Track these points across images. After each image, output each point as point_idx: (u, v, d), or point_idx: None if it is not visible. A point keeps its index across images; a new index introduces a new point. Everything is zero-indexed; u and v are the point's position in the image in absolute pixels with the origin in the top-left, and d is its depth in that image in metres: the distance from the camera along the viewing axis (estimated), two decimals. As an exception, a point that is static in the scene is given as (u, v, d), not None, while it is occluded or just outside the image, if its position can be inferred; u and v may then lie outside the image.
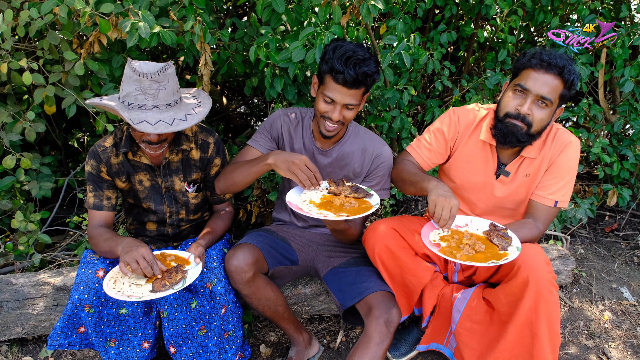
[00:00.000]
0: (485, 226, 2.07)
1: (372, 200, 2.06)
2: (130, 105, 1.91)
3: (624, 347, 2.58)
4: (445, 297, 2.24)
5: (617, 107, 3.42)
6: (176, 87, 2.00)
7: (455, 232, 2.02)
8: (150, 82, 1.89)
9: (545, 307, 1.87)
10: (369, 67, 1.99)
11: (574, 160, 2.14)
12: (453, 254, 1.87)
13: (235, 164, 2.19)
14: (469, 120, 2.26)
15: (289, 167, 1.95)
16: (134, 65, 1.89)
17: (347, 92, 2.03)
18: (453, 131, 2.27)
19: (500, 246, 1.91)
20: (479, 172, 2.24)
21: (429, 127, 2.34)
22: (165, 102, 1.95)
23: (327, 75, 2.04)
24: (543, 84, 1.99)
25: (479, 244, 1.93)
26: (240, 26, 2.89)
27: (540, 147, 2.16)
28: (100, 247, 2.09)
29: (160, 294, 1.84)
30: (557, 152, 2.13)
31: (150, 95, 1.90)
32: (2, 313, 2.38)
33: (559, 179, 2.14)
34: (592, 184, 3.91)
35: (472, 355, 2.14)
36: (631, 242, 3.56)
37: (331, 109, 2.09)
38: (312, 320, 2.77)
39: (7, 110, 2.61)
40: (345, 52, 1.97)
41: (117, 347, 2.11)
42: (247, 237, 2.30)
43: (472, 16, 3.42)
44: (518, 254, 1.85)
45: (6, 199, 2.82)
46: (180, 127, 1.93)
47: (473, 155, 2.25)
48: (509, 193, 2.22)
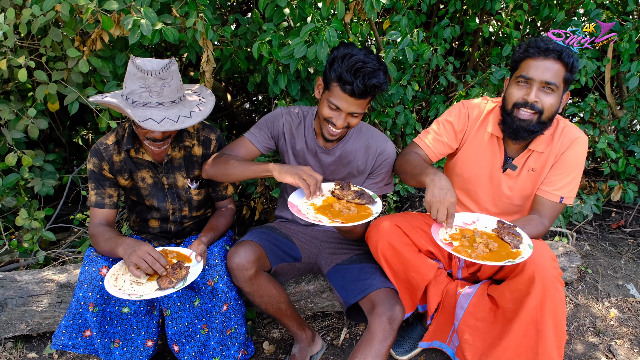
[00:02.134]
0: (493, 224, 2.05)
1: (373, 208, 2.03)
2: (134, 102, 1.91)
3: (631, 344, 2.56)
4: (449, 294, 2.23)
5: (624, 102, 3.38)
6: (180, 83, 1.99)
7: (465, 231, 2.00)
8: (155, 79, 1.88)
9: (551, 304, 1.86)
10: (378, 78, 1.96)
11: (581, 156, 2.12)
12: (469, 254, 1.84)
13: (230, 156, 2.16)
14: (478, 113, 2.25)
15: (297, 172, 1.94)
16: (138, 62, 1.88)
17: (353, 102, 2.01)
18: (462, 123, 2.25)
19: (512, 244, 1.89)
20: (486, 165, 2.23)
21: (437, 119, 2.32)
22: (169, 99, 1.94)
23: (334, 82, 2.00)
24: (545, 69, 1.98)
25: (491, 242, 1.90)
26: (243, 22, 2.88)
27: (548, 141, 2.14)
28: (101, 246, 2.09)
29: (161, 292, 1.84)
30: (565, 148, 2.11)
31: (155, 92, 1.90)
32: (7, 310, 2.39)
33: (565, 175, 2.12)
34: (598, 179, 3.88)
35: (474, 354, 2.12)
36: (638, 239, 3.53)
37: (336, 115, 2.06)
38: (315, 317, 2.76)
39: (10, 108, 2.61)
40: (355, 62, 1.93)
41: (121, 347, 2.11)
42: (250, 234, 2.29)
43: (477, 11, 3.40)
44: (531, 252, 1.82)
45: (10, 196, 2.83)
46: (185, 124, 1.93)
47: (480, 149, 2.23)
48: (515, 187, 2.20)
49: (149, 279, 1.93)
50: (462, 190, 2.33)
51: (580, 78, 3.06)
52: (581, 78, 3.06)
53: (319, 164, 2.33)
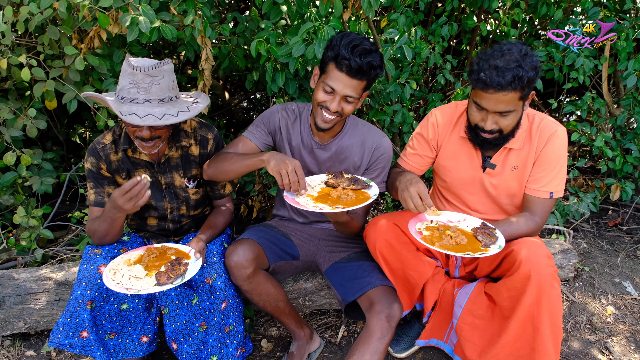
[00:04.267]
0: (477, 224, 2.09)
1: (370, 192, 2.05)
2: (123, 98, 1.91)
3: (627, 341, 2.57)
4: (447, 293, 2.24)
5: (621, 100, 3.39)
6: (172, 84, 1.98)
7: (445, 227, 2.04)
8: (144, 75, 1.88)
9: (547, 301, 1.87)
10: (374, 58, 1.99)
11: (561, 149, 2.09)
12: (432, 242, 1.89)
13: (227, 154, 2.17)
14: (448, 118, 2.25)
15: (278, 165, 1.93)
16: (131, 59, 1.89)
17: (349, 81, 2.01)
18: (432, 132, 2.27)
19: (483, 243, 1.92)
20: (466, 167, 2.23)
21: (412, 134, 2.38)
22: (157, 97, 1.93)
23: (331, 62, 2.02)
24: (497, 103, 1.91)
25: (462, 237, 1.94)
26: (242, 20, 2.88)
27: (525, 138, 2.12)
28: (95, 227, 2.09)
29: (159, 288, 1.84)
30: (543, 144, 2.08)
31: (142, 89, 1.90)
32: (5, 308, 2.39)
33: (549, 170, 2.10)
34: (595, 178, 3.89)
35: (473, 351, 2.13)
36: (634, 237, 3.54)
37: (330, 99, 2.06)
38: (313, 315, 2.77)
39: (8, 106, 2.61)
40: (352, 40, 1.97)
41: (116, 339, 2.12)
42: (248, 232, 2.30)
43: (475, 9, 3.40)
44: (498, 251, 1.86)
45: (8, 195, 2.82)
46: (169, 121, 1.91)
47: (457, 152, 2.24)
48: (499, 186, 2.19)
49: (147, 274, 1.93)
50: (451, 193, 2.34)
51: (577, 76, 3.07)
52: (579, 76, 3.06)
53: (315, 161, 2.33)
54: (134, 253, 2.06)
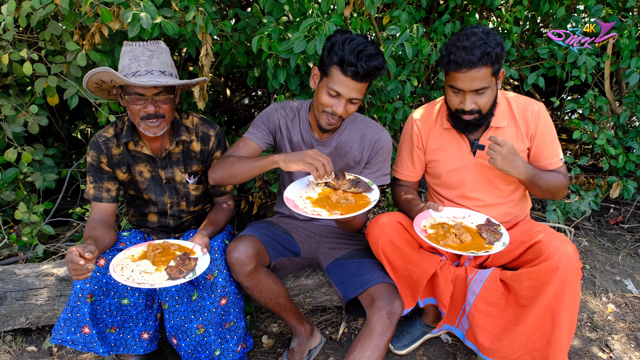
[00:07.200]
0: (481, 220, 2.09)
1: (371, 196, 2.03)
2: (125, 75, 1.94)
3: (627, 339, 2.57)
4: (459, 279, 2.21)
5: (623, 98, 3.38)
6: (171, 63, 2.02)
7: (449, 226, 2.04)
8: (143, 49, 1.94)
9: (570, 295, 1.89)
10: (379, 60, 1.99)
11: (549, 122, 2.18)
12: (437, 241, 1.90)
13: (234, 157, 2.15)
14: (426, 117, 2.30)
15: (302, 158, 1.92)
16: (128, 42, 1.98)
17: (354, 85, 2.01)
18: (415, 136, 2.31)
19: (488, 240, 1.93)
20: (456, 156, 2.25)
21: (399, 146, 2.43)
22: (158, 69, 1.96)
23: (334, 67, 2.00)
24: (471, 80, 1.98)
25: (466, 235, 1.95)
26: (243, 17, 2.87)
27: (506, 115, 2.18)
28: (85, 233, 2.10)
29: (172, 282, 1.83)
30: (534, 123, 2.15)
31: (143, 61, 1.93)
32: (6, 303, 2.40)
33: (550, 143, 2.18)
34: (597, 176, 3.88)
35: (486, 338, 2.13)
36: (636, 235, 3.54)
37: (336, 102, 2.06)
38: (314, 311, 2.77)
39: (9, 102, 2.61)
40: (357, 45, 1.96)
41: (117, 333, 2.12)
42: (249, 229, 2.30)
43: (477, 6, 3.39)
44: (502, 248, 1.88)
45: (10, 190, 2.83)
46: (170, 82, 1.95)
47: (444, 144, 2.27)
48: (492, 167, 2.18)
49: (157, 269, 1.92)
50: (446, 189, 2.33)
51: (580, 74, 3.06)
52: (581, 74, 3.05)
53: None
54: (136, 249, 2.05)
